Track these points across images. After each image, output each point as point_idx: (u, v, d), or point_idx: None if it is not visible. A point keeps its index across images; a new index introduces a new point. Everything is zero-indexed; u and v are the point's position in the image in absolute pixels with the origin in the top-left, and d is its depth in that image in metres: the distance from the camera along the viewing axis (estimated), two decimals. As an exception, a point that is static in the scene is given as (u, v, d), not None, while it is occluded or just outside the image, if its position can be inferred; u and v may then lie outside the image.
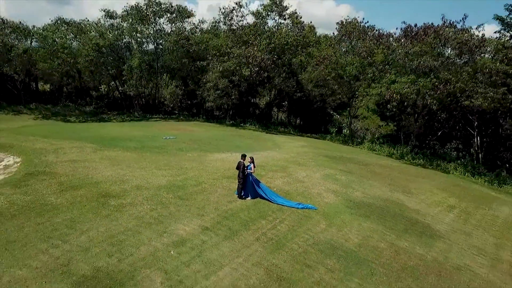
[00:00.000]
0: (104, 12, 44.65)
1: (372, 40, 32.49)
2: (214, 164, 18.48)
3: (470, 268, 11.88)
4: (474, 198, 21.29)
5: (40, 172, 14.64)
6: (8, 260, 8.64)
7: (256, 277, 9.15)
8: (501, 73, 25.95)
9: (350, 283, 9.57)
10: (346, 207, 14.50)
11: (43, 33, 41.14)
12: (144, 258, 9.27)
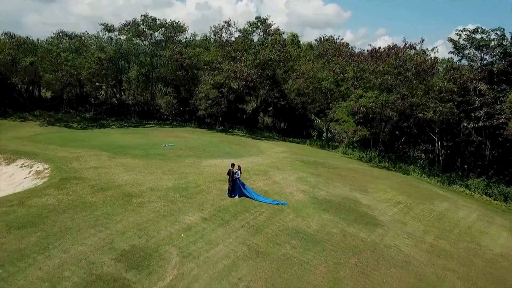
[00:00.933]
0: (103, 26, 47.99)
1: (345, 58, 36.73)
2: (208, 169, 22.33)
3: (398, 247, 16.04)
4: (421, 195, 25.63)
5: (72, 177, 18.27)
6: (70, 240, 12.39)
7: (242, 251, 13.09)
8: (448, 90, 30.41)
9: (307, 255, 13.59)
10: (311, 203, 18.56)
11: (47, 47, 44.28)
12: (163, 239, 13.12)
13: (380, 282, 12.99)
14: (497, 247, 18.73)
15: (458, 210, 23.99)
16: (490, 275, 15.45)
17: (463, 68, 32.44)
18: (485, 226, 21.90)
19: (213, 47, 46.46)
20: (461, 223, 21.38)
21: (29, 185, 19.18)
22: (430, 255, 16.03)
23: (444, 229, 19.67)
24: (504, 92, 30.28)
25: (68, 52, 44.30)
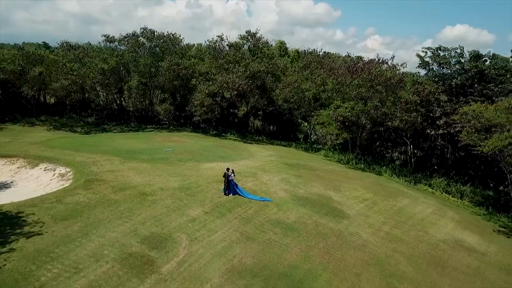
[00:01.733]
0: (105, 37, 51.16)
1: (326, 71, 40.64)
2: (206, 172, 25.95)
3: (359, 234, 19.92)
4: (387, 193, 29.60)
5: (94, 180, 21.74)
6: (104, 228, 15.95)
7: (235, 236, 16.81)
8: (413, 102, 34.51)
9: (285, 240, 17.37)
10: (291, 200, 22.35)
11: (54, 58, 47.30)
12: (174, 227, 16.77)
13: (341, 259, 16.84)
14: (441, 235, 22.78)
15: (416, 206, 28.00)
16: (430, 255, 19.44)
17: (426, 83, 36.60)
18: (436, 218, 25.96)
19: (207, 58, 49.98)
20: (416, 216, 25.40)
21: (56, 186, 22.58)
22: (384, 241, 19.96)
23: (400, 220, 23.65)
24: (460, 103, 34.49)
25: (73, 62, 47.39)
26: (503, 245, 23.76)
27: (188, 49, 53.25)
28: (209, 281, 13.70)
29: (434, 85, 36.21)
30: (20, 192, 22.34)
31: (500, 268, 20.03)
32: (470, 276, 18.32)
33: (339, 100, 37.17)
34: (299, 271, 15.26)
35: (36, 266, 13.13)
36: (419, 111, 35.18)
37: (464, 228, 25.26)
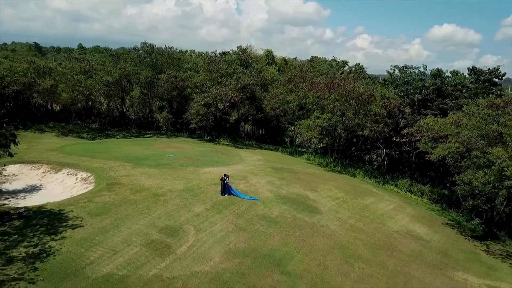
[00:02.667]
0: (109, 52, 55.01)
1: (307, 85, 45.37)
2: (205, 176, 30.37)
3: (328, 226, 24.63)
4: (357, 193, 34.42)
5: (114, 183, 25.99)
6: (129, 222, 20.29)
7: (231, 228, 21.34)
8: (381, 114, 39.47)
9: (269, 230, 21.95)
10: (275, 199, 26.96)
11: (63, 71, 51.04)
12: (184, 221, 21.20)
13: (312, 245, 21.51)
14: (396, 227, 27.67)
15: (380, 203, 32.87)
16: (383, 242, 24.27)
17: (393, 97, 41.57)
18: (395, 213, 30.87)
19: (202, 71, 54.26)
20: (379, 211, 30.27)
21: (81, 188, 26.72)
22: (348, 231, 24.73)
23: (364, 215, 28.47)
24: (421, 116, 39.54)
25: (80, 74, 51.18)
26: (446, 235, 28.81)
27: (184, 62, 57.39)
28: (212, 259, 18.21)
29: (400, 100, 41.28)
30: (51, 194, 26.42)
31: (438, 252, 24.99)
32: (412, 257, 23.20)
33: (319, 112, 41.90)
34: (279, 253, 19.87)
35: (84, 249, 17.47)
36: (387, 122, 40.15)
37: (417, 221, 30.21)
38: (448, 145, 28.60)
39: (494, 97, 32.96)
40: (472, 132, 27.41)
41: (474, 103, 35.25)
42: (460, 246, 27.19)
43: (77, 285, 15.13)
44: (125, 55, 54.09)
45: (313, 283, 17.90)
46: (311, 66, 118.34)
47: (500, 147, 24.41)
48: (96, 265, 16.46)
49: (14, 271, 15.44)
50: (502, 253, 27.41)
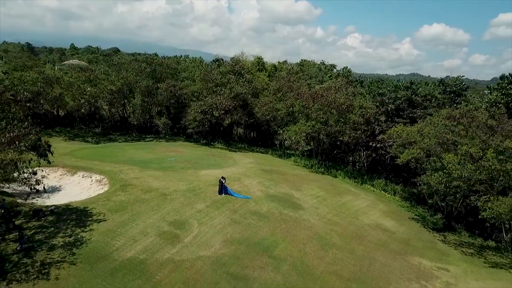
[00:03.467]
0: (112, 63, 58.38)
1: (294, 95, 49.50)
2: (203, 177, 34.22)
3: (309, 220, 28.71)
4: (337, 192, 38.62)
5: (127, 185, 29.70)
6: (144, 217, 24.09)
7: (227, 221, 25.29)
8: (359, 122, 43.77)
9: (259, 223, 25.96)
10: (264, 197, 30.97)
11: (69, 80, 54.31)
12: (188, 216, 25.08)
13: (295, 235, 25.56)
14: (368, 221, 31.91)
15: (356, 201, 37.12)
16: (355, 233, 28.46)
17: (369, 107, 45.90)
18: (368, 209, 35.12)
19: (198, 80, 58.02)
20: (354, 208, 34.48)
21: (97, 189, 30.33)
22: (325, 224, 28.87)
23: (341, 211, 32.66)
24: (394, 123, 43.93)
25: (85, 83, 54.54)
26: (410, 227, 33.18)
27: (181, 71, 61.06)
28: (213, 246, 22.14)
29: (376, 109, 45.66)
30: (71, 194, 30.00)
31: (401, 241, 29.28)
32: (378, 245, 27.43)
33: (304, 120, 46.05)
34: (267, 241, 23.90)
35: (109, 238, 21.24)
36: (364, 129, 44.49)
37: (387, 216, 34.52)
38: (411, 150, 32.91)
39: (452, 109, 37.34)
40: (431, 140, 31.76)
41: (437, 114, 39.77)
42: (421, 237, 31.57)
43: (108, 266, 18.92)
44: (127, 65, 57.53)
45: (294, 265, 21.97)
46: (300, 70, 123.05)
47: (452, 153, 28.79)
48: (121, 251, 20.27)
49: (57, 255, 19.18)
50: (456, 242, 31.85)
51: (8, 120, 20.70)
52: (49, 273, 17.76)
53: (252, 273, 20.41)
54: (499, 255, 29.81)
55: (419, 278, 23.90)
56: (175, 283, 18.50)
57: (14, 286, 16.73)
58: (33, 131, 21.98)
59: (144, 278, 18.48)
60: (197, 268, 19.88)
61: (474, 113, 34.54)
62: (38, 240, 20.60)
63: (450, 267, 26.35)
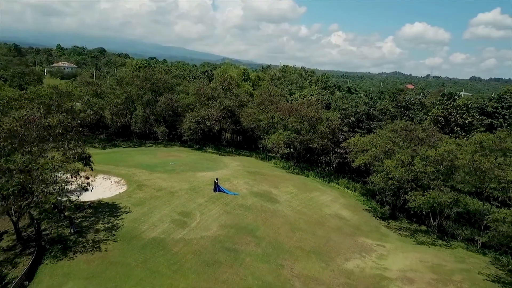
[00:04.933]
0: (116, 78, 64.62)
1: (274, 108, 57.10)
2: (200, 178, 41.41)
3: (283, 211, 36.38)
4: (307, 189, 46.42)
5: (142, 185, 36.67)
6: (159, 209, 31.23)
7: (221, 212, 32.71)
8: (325, 132, 51.78)
9: (246, 213, 33.49)
10: (249, 194, 38.48)
11: (79, 94, 60.43)
12: (192, 208, 32.36)
13: (272, 222, 33.16)
14: (329, 211, 39.81)
15: (322, 196, 44.99)
16: (317, 220, 36.29)
17: (334, 119, 53.90)
18: (331, 203, 43.03)
19: (191, 93, 64.96)
20: (319, 202, 42.35)
21: (117, 189, 37.10)
22: (296, 214, 36.59)
23: (309, 204, 40.46)
24: (355, 133, 52.03)
25: (94, 97, 60.74)
26: (362, 216, 41.25)
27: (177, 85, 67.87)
28: (211, 229, 29.50)
29: (340, 121, 53.81)
30: (97, 192, 36.50)
31: (353, 226, 37.25)
32: (334, 229, 35.32)
33: (281, 129, 53.75)
34: (251, 226, 31.42)
35: (137, 224, 28.35)
36: (330, 138, 52.55)
37: (345, 208, 42.51)
38: (362, 157, 40.99)
39: (395, 124, 45.45)
40: (378, 148, 39.88)
41: (389, 125, 48.04)
42: (369, 223, 39.69)
43: (139, 242, 26.08)
44: (129, 79, 63.94)
45: (270, 242, 29.57)
46: (282, 76, 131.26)
47: (390, 160, 36.98)
48: (146, 232, 27.44)
49: (102, 236, 26.22)
50: (396, 227, 40.08)
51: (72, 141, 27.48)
52: (100, 247, 24.83)
53: (240, 247, 27.91)
54: (427, 236, 38.18)
55: (361, 252, 31.89)
56: (187, 253, 25.82)
57: (79, 255, 23.75)
58: (82, 146, 28.74)
59: (165, 250, 25.73)
60: (201, 244, 27.26)
61: (411, 127, 42.78)
62: (85, 226, 27.58)
63: (387, 244, 34.49)
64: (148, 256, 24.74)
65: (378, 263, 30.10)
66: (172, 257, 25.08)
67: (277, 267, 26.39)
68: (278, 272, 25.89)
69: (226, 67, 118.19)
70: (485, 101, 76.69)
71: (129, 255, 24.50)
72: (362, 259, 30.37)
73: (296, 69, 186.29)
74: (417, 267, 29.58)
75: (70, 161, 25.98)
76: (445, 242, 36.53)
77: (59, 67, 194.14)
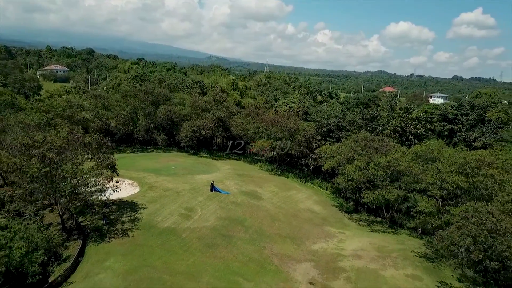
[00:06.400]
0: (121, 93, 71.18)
1: (259, 119, 64.76)
2: (199, 180, 48.66)
3: (266, 206, 43.98)
4: (286, 188, 54.20)
5: (152, 186, 43.74)
6: (169, 206, 38.44)
7: (217, 207, 40.18)
8: (302, 140, 59.87)
9: (237, 208, 41.08)
10: (239, 192, 46.01)
11: (89, 107, 66.79)
12: (194, 205, 39.71)
13: (257, 215, 40.84)
14: (303, 206, 47.71)
15: (299, 194, 52.83)
16: (293, 214, 44.11)
17: (309, 130, 61.88)
18: (305, 199, 50.92)
19: (187, 105, 72.09)
20: (296, 198, 50.17)
21: (131, 189, 43.96)
22: (276, 208, 44.34)
23: (287, 200, 48.25)
24: (327, 141, 60.14)
25: (102, 109, 67.16)
26: (330, 210, 49.27)
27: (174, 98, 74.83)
28: (210, 221, 36.95)
29: (314, 131, 61.96)
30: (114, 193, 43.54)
31: (321, 218, 45.21)
32: (306, 221, 43.23)
33: (266, 138, 61.51)
34: (241, 218, 38.98)
35: (152, 217, 35.56)
36: (305, 145, 60.64)
37: (317, 204, 50.49)
38: (329, 162, 49.15)
39: (357, 135, 53.61)
40: (342, 156, 48.04)
41: (355, 135, 56.32)
42: (335, 216, 47.77)
43: (156, 230, 33.32)
44: (133, 93, 70.61)
45: (255, 230, 37.22)
46: (268, 83, 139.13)
47: (351, 165, 45.18)
48: (161, 223, 34.70)
49: (127, 226, 33.36)
50: (357, 219, 48.27)
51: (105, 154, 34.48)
52: (128, 234, 32.00)
53: (232, 233, 35.48)
54: (380, 225, 46.46)
55: (325, 237, 39.87)
56: (193, 238, 33.23)
57: (113, 239, 30.87)
58: (112, 158, 35.72)
59: (176, 236, 33.07)
60: (203, 231, 34.71)
61: (369, 137, 51.06)
62: (112, 219, 34.64)
63: (347, 232, 42.61)
64: (164, 240, 32.05)
65: (338, 245, 38.13)
66: (182, 241, 32.46)
67: (260, 248, 34.08)
68: (261, 252, 33.57)
69: (217, 77, 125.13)
70: (447, 109, 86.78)
71: (150, 239, 31.76)
72: (325, 243, 38.36)
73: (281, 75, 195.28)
74: (366, 247, 37.72)
75: (104, 169, 33.01)
76: (393, 230, 44.84)
77: (52, 70, 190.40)
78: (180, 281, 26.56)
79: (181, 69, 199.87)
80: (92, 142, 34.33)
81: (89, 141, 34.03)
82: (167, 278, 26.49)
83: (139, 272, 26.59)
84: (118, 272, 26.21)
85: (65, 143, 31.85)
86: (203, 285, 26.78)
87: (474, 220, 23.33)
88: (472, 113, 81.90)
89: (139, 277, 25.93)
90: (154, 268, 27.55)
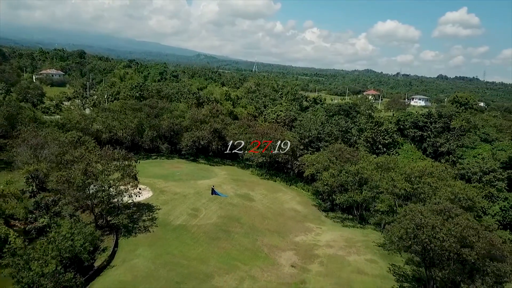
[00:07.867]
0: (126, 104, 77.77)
1: (251, 131, 72.38)
2: (201, 185, 55.94)
3: (257, 207, 51.72)
4: (274, 190, 61.95)
5: (163, 191, 50.88)
6: (179, 206, 45.70)
7: (218, 208, 47.66)
8: (287, 149, 67.94)
9: (233, 208, 48.65)
10: (235, 195, 53.51)
11: (101, 119, 73.21)
12: (199, 206, 47.08)
13: (250, 214, 48.48)
14: (288, 206, 55.57)
15: (284, 196, 60.71)
16: (279, 212, 51.99)
17: (293, 140, 69.87)
18: (290, 200, 58.83)
19: (187, 117, 79.25)
20: (282, 199, 58.02)
21: (145, 193, 50.86)
22: (265, 208, 52.10)
23: (274, 201, 56.06)
24: (308, 151, 68.18)
25: (114, 121, 73.76)
26: (310, 209, 57.27)
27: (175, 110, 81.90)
28: (213, 219, 44.41)
29: (297, 141, 70.07)
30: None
31: (303, 216, 53.17)
32: (290, 218, 51.08)
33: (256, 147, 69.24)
34: (237, 216, 46.55)
35: (166, 216, 42.83)
36: (289, 154, 68.64)
37: (299, 204, 58.42)
38: (309, 169, 57.24)
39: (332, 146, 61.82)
40: (320, 164, 56.14)
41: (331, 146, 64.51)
42: (314, 214, 55.81)
43: (170, 227, 40.64)
44: (139, 107, 77.33)
45: (249, 226, 44.88)
46: (257, 90, 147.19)
47: (327, 172, 53.28)
48: (174, 221, 42.01)
49: (147, 223, 40.58)
50: (332, 217, 56.37)
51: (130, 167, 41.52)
52: (149, 230, 39.25)
53: (231, 229, 43.08)
54: (351, 222, 54.64)
55: (305, 231, 47.83)
56: (200, 233, 40.69)
57: (138, 234, 38.08)
58: (135, 170, 42.82)
59: (187, 231, 40.47)
60: (207, 227, 42.19)
61: (343, 149, 59.39)
62: (135, 218, 41.82)
63: (323, 227, 50.68)
64: (178, 234, 39.42)
65: (315, 238, 46.13)
66: (191, 235, 39.90)
67: (253, 240, 41.78)
68: (254, 243, 41.26)
69: (211, 89, 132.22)
70: (418, 118, 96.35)
71: (167, 234, 39.09)
72: (305, 236, 46.32)
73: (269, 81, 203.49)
74: (337, 239, 45.82)
75: (129, 178, 40.17)
76: (361, 226, 53.08)
77: (48, 74, 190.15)
78: (194, 264, 34.04)
79: (172, 72, 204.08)
80: (119, 158, 41.35)
81: (118, 156, 41.05)
82: (184, 262, 33.93)
83: (163, 258, 33.95)
84: (148, 258, 33.51)
85: (99, 158, 38.86)
86: (211, 267, 34.30)
87: (408, 217, 31.52)
88: (439, 121, 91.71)
89: (163, 261, 33.30)
90: (173, 255, 34.96)
